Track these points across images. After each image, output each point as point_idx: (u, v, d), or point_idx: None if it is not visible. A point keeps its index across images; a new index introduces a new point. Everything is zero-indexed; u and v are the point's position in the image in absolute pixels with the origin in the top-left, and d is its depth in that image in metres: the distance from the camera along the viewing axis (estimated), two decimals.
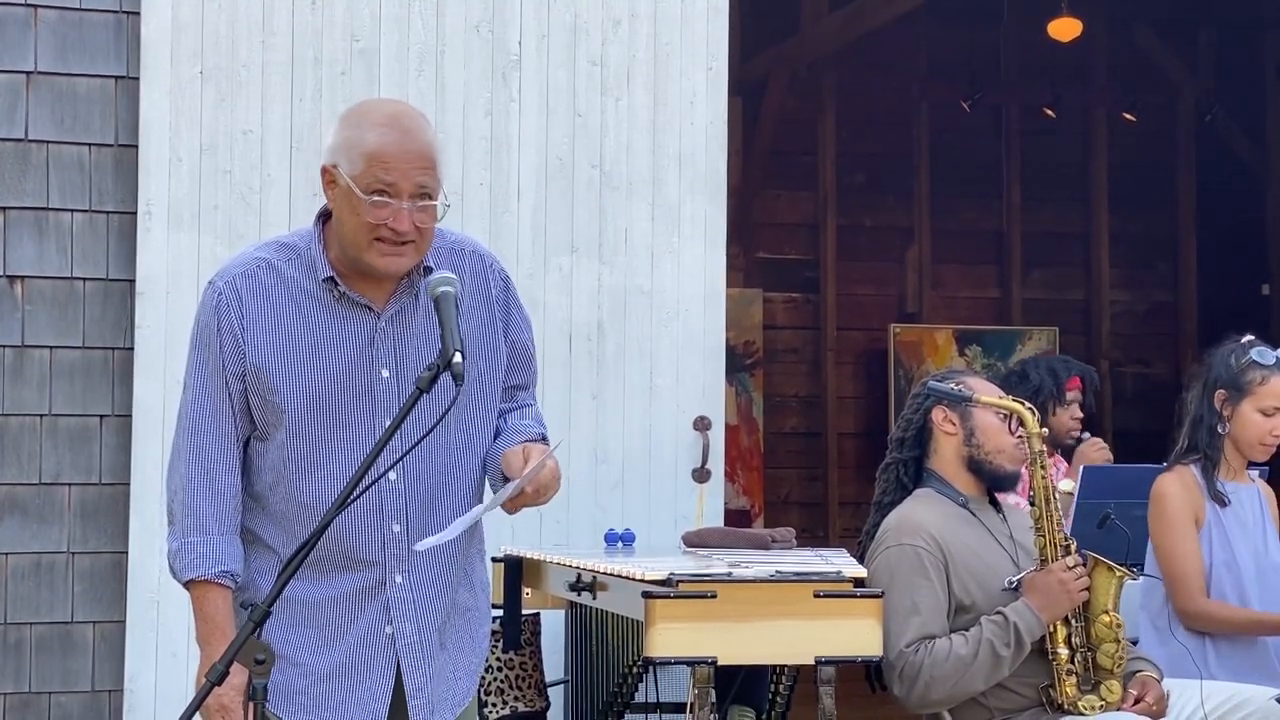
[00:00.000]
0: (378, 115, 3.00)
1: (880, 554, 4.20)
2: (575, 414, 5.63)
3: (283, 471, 3.06)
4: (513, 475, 2.97)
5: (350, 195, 2.95)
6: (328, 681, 3.08)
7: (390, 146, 2.93)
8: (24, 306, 5.30)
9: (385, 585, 3.08)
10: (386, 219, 2.94)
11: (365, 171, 2.94)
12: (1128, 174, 11.29)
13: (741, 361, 10.45)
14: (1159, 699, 4.17)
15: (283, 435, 3.04)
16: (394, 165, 2.93)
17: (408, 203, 2.94)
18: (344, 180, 2.96)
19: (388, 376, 3.06)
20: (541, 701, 5.04)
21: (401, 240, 2.95)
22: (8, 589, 5.25)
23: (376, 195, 2.93)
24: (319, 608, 3.07)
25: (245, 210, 5.44)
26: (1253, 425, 4.58)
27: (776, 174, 10.71)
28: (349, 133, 2.98)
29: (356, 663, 3.08)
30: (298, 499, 3.06)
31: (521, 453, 3.00)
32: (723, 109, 5.84)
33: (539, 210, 5.68)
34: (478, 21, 5.66)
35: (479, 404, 3.14)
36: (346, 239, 3.00)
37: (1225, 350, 4.66)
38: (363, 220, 2.94)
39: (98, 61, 5.39)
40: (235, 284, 3.04)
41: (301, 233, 3.13)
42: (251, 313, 3.03)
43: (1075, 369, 6.09)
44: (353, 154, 2.95)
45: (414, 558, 3.07)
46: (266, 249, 3.10)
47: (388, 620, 3.08)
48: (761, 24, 9.94)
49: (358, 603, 3.08)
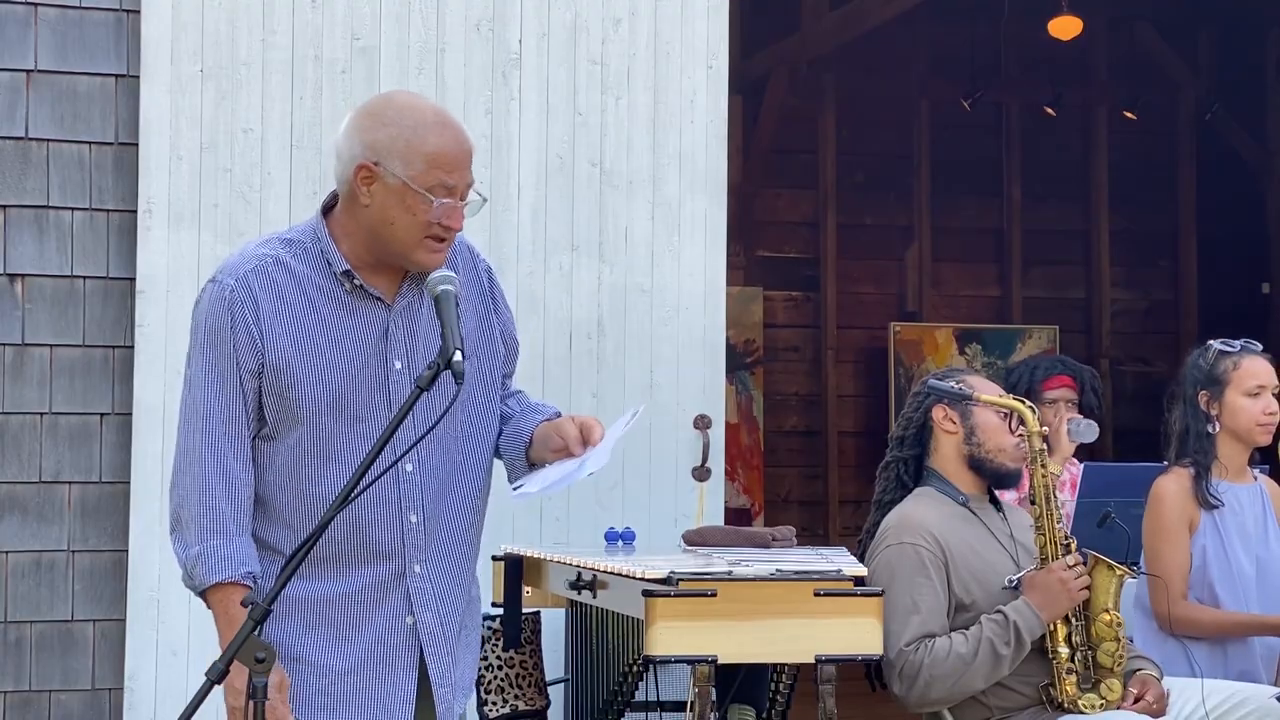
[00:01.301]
0: (428, 116, 3.03)
1: (880, 552, 4.21)
2: (575, 412, 5.60)
3: (295, 470, 3.06)
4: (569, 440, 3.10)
5: (406, 194, 2.98)
6: (348, 677, 3.09)
7: (451, 148, 3.00)
8: (24, 305, 5.30)
9: (405, 576, 3.09)
10: (442, 216, 2.99)
11: (426, 172, 2.98)
12: (1128, 172, 11.28)
13: (742, 360, 10.44)
14: (1159, 697, 4.17)
15: (299, 433, 3.05)
16: (455, 167, 3.00)
17: (460, 201, 3.02)
18: (397, 179, 2.98)
19: (400, 368, 3.08)
20: (542, 700, 5.04)
21: (449, 235, 3.03)
22: (8, 587, 5.25)
23: (442, 196, 2.98)
24: (336, 604, 3.08)
25: (245, 208, 5.44)
26: (1243, 411, 4.60)
27: (777, 172, 10.71)
28: (397, 131, 2.99)
29: (380, 656, 3.09)
30: (310, 496, 3.06)
31: (572, 421, 3.12)
32: (723, 107, 5.84)
33: (539, 209, 5.68)
34: (478, 20, 5.65)
35: (484, 394, 3.19)
36: (392, 236, 3.02)
37: (1192, 360, 4.71)
38: (420, 219, 2.99)
39: (98, 60, 5.38)
40: (247, 281, 3.04)
41: (302, 227, 3.13)
42: (267, 310, 3.03)
43: (1064, 368, 5.95)
44: (410, 155, 2.98)
45: (430, 548, 3.10)
46: (271, 245, 3.10)
47: (409, 611, 3.10)
48: (762, 22, 9.94)
49: (378, 595, 3.09)
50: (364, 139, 3.01)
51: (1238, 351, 4.66)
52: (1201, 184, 11.39)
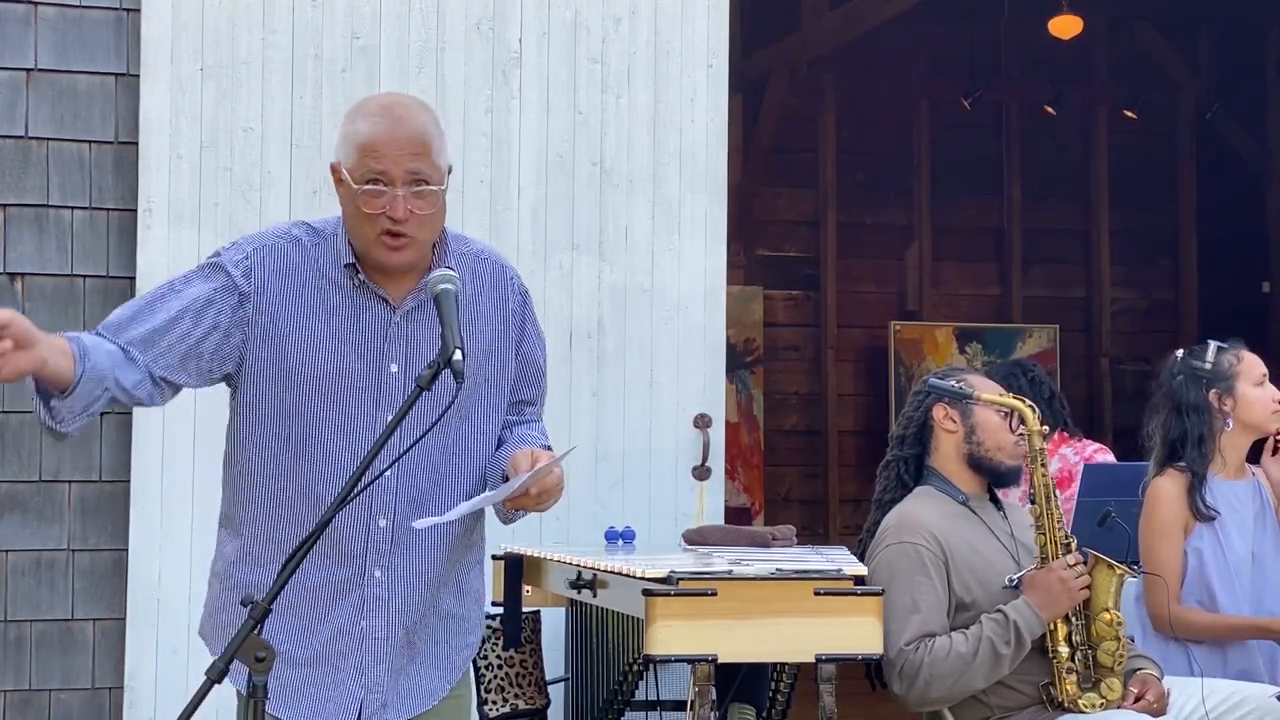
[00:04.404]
0: (371, 106, 3.02)
1: (881, 552, 4.20)
2: (575, 412, 5.63)
3: (274, 454, 3.05)
4: (517, 471, 2.97)
5: (348, 188, 2.98)
6: (307, 669, 3.08)
7: (380, 134, 2.94)
8: (24, 304, 5.29)
9: (364, 579, 3.07)
10: (382, 208, 2.94)
11: (359, 162, 2.96)
12: (1128, 171, 11.29)
13: (742, 359, 10.44)
14: (1159, 697, 4.16)
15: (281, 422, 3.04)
16: (384, 153, 2.94)
17: (402, 189, 2.94)
18: (346, 175, 2.98)
19: (395, 371, 3.06)
20: (542, 699, 5.04)
21: (400, 230, 2.95)
22: (8, 586, 5.25)
23: (369, 184, 2.94)
24: (302, 595, 3.06)
25: (246, 207, 5.44)
26: (1257, 401, 4.65)
27: (777, 171, 10.71)
28: (346, 127, 3.01)
29: (332, 654, 3.07)
30: (287, 483, 3.05)
31: (530, 455, 2.99)
32: (723, 106, 5.84)
33: (539, 207, 5.68)
34: (478, 19, 5.65)
35: (480, 410, 3.14)
36: (354, 234, 3.02)
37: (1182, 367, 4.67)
38: (361, 211, 2.96)
39: (98, 59, 5.38)
40: (262, 254, 3.06)
41: (330, 219, 3.14)
42: (276, 282, 3.04)
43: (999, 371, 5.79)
44: (347, 147, 2.98)
45: (395, 555, 3.06)
46: (298, 227, 3.12)
47: (362, 614, 3.07)
48: (762, 21, 9.94)
49: (337, 594, 3.07)
50: (336, 141, 3.04)
51: (1232, 348, 4.69)
52: (1201, 184, 11.40)
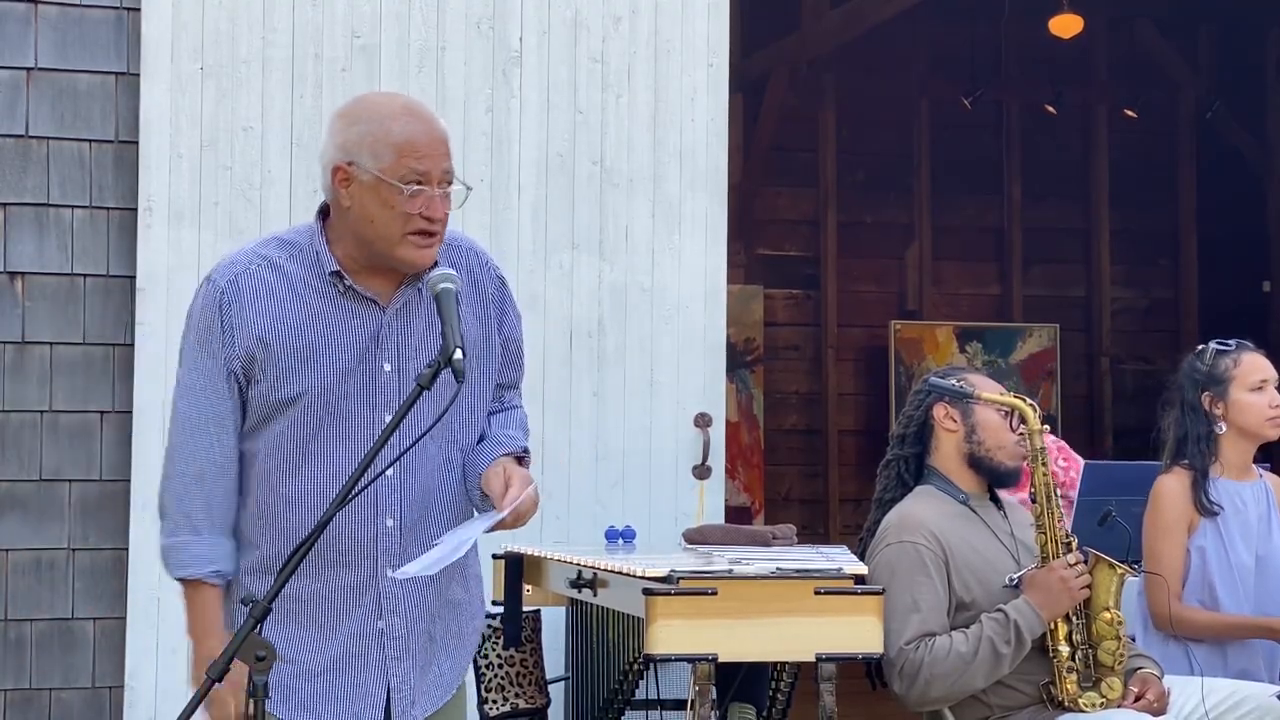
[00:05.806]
0: (393, 107, 3.02)
1: (881, 551, 4.20)
2: (576, 411, 5.63)
3: (273, 465, 3.06)
4: (492, 495, 3.00)
5: (380, 188, 2.96)
6: (321, 678, 3.08)
7: (419, 135, 2.97)
8: (24, 303, 5.29)
9: (377, 580, 3.07)
10: (421, 207, 2.96)
11: (397, 163, 2.95)
12: (1128, 171, 11.28)
13: (742, 358, 10.44)
14: (1160, 696, 4.16)
15: (280, 428, 3.04)
16: (425, 153, 2.96)
17: (439, 189, 2.97)
18: (369, 174, 2.96)
19: (389, 371, 3.06)
20: (542, 698, 5.04)
21: (434, 229, 2.98)
22: (8, 585, 5.25)
23: (414, 185, 2.95)
24: (314, 603, 3.07)
25: (246, 206, 5.44)
26: (1251, 407, 4.60)
27: (777, 171, 10.71)
28: (365, 128, 2.98)
29: (350, 659, 3.08)
30: (286, 491, 3.05)
31: (502, 474, 3.01)
32: (723, 106, 5.84)
33: (539, 206, 5.68)
34: (479, 18, 5.65)
35: (474, 402, 3.14)
36: (375, 234, 3.00)
37: (1186, 367, 4.70)
38: (398, 211, 2.96)
39: (98, 58, 5.38)
40: (238, 282, 3.04)
41: (301, 229, 3.12)
42: (256, 309, 3.03)
43: None
44: (378, 148, 2.96)
45: (405, 552, 3.06)
46: (267, 246, 3.10)
47: (379, 615, 3.08)
48: (762, 21, 9.93)
49: (351, 597, 3.07)
50: (337, 141, 3.01)
51: (1235, 350, 4.66)
52: (1202, 183, 11.39)
